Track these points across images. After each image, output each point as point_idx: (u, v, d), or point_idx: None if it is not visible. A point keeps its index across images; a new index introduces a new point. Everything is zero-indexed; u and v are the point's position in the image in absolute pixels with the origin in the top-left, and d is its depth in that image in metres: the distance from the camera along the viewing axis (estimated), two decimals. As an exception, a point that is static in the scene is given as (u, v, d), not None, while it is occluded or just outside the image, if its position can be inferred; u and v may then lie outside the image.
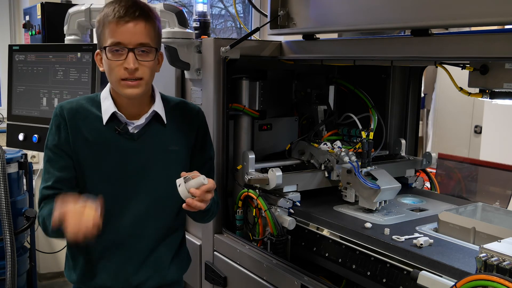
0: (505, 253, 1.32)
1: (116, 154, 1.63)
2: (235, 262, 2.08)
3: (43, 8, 2.93)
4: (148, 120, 1.66)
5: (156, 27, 1.60)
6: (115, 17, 1.52)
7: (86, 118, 1.64)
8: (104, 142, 1.63)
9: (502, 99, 1.65)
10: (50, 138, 1.65)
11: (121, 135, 1.64)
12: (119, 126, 1.63)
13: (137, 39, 1.53)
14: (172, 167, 1.69)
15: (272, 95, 2.35)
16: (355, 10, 1.77)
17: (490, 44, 1.43)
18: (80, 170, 1.64)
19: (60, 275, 3.92)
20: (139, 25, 1.53)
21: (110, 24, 1.53)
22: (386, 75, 2.61)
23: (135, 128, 1.65)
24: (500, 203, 2.91)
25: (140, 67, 1.55)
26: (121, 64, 1.54)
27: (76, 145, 1.63)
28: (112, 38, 1.53)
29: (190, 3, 4.59)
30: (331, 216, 1.98)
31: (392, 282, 1.62)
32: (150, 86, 1.68)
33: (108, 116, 1.63)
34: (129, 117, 1.65)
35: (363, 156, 2.11)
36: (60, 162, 1.63)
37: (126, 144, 1.64)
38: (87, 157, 1.63)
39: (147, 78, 1.59)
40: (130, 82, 1.55)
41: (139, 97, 1.61)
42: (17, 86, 2.76)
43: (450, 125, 4.62)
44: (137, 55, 1.54)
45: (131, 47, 1.53)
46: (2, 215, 2.79)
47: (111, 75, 1.57)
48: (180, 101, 1.80)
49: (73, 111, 1.64)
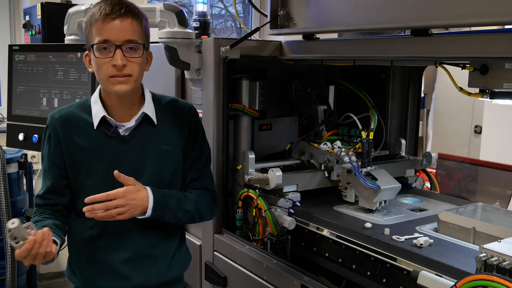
0: (505, 253, 1.32)
1: (108, 157, 1.64)
2: (235, 262, 2.08)
3: (43, 8, 2.93)
4: (138, 121, 1.66)
5: (143, 25, 1.60)
6: (101, 15, 1.53)
7: (77, 125, 1.65)
8: (96, 147, 1.64)
9: (502, 99, 1.65)
10: (43, 148, 1.71)
11: (112, 139, 1.64)
12: (110, 129, 1.64)
13: (124, 35, 1.54)
14: (165, 166, 1.70)
15: (272, 95, 2.34)
16: (355, 10, 1.76)
17: (490, 44, 1.43)
18: (75, 177, 1.66)
19: (60, 275, 3.92)
20: (125, 21, 1.54)
21: (97, 23, 1.54)
22: (386, 75, 2.61)
23: (126, 130, 1.66)
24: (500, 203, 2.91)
25: (128, 64, 1.55)
26: (109, 61, 1.54)
27: (70, 152, 1.65)
28: (99, 36, 1.53)
29: (190, 3, 4.59)
30: (331, 216, 1.98)
31: (392, 282, 1.62)
32: (140, 85, 1.68)
33: (98, 120, 1.64)
34: (120, 119, 1.65)
35: (363, 156, 2.11)
36: (51, 172, 1.68)
37: (118, 147, 1.64)
38: (81, 163, 1.65)
39: (136, 75, 1.59)
40: (119, 78, 1.55)
41: (128, 94, 1.61)
42: (17, 86, 2.76)
43: (450, 125, 4.62)
44: (125, 52, 1.54)
45: (119, 44, 1.53)
46: (2, 215, 2.80)
47: (100, 73, 1.58)
48: (172, 99, 1.79)
49: (64, 119, 1.66)
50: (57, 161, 1.66)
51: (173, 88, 2.38)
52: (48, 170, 1.69)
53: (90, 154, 1.64)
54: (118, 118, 1.65)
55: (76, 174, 1.66)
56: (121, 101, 1.65)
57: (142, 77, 1.64)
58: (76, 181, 1.66)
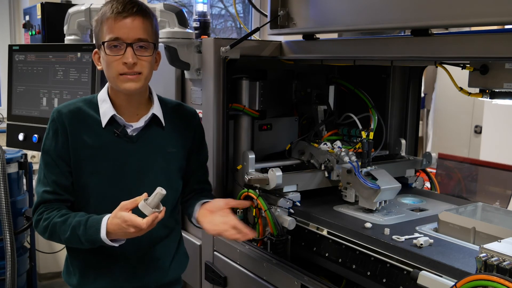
0: (505, 253, 1.32)
1: (115, 156, 1.64)
2: (235, 262, 2.08)
3: (43, 8, 2.94)
4: (147, 122, 1.67)
5: (154, 25, 1.61)
6: (113, 13, 1.54)
7: (84, 121, 1.65)
8: (103, 145, 1.63)
9: (502, 99, 1.65)
10: (47, 143, 1.66)
11: (120, 138, 1.64)
12: (118, 129, 1.64)
13: (135, 34, 1.55)
14: (170, 168, 1.70)
15: (272, 95, 2.34)
16: (355, 10, 1.77)
17: (490, 44, 1.43)
18: (80, 174, 1.65)
19: (60, 275, 3.92)
20: (137, 20, 1.55)
21: (108, 20, 1.54)
22: (386, 75, 2.61)
23: (134, 130, 1.66)
24: (500, 203, 2.91)
25: (138, 62, 1.56)
26: (119, 59, 1.55)
27: (76, 149, 1.63)
28: (110, 34, 1.54)
29: (190, 3, 4.59)
30: (331, 216, 1.98)
31: (392, 282, 1.62)
32: (148, 85, 1.69)
33: (107, 119, 1.63)
34: (128, 118, 1.66)
35: (363, 156, 2.11)
36: (57, 168, 1.64)
37: (125, 146, 1.65)
38: (87, 160, 1.64)
39: (146, 73, 1.59)
40: (130, 76, 1.56)
41: (137, 92, 1.62)
42: (17, 86, 2.76)
43: (450, 125, 4.62)
44: (135, 50, 1.55)
45: (130, 42, 1.54)
46: (2, 215, 2.80)
47: (110, 71, 1.58)
48: (177, 103, 1.82)
49: (72, 114, 1.65)
50: (66, 157, 1.63)
51: (173, 88, 2.38)
52: (55, 165, 1.64)
53: (97, 152, 1.63)
54: (126, 117, 1.65)
55: (80, 172, 1.64)
56: (128, 100, 1.65)
57: (151, 76, 1.65)
58: (79, 179, 1.65)
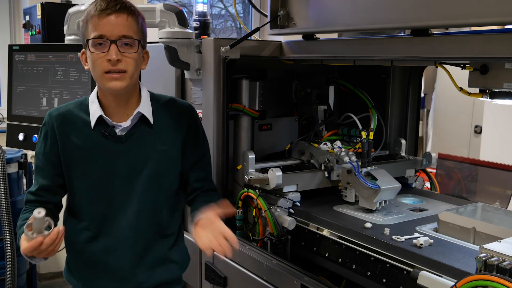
0: (505, 253, 1.32)
1: (105, 157, 1.64)
2: (235, 262, 2.08)
3: (43, 8, 2.93)
4: (134, 121, 1.66)
5: (139, 22, 1.60)
6: (97, 11, 1.53)
7: (74, 124, 1.65)
8: (92, 147, 1.63)
9: (502, 99, 1.65)
10: (38, 146, 1.69)
11: (109, 139, 1.64)
12: (107, 129, 1.63)
13: (119, 31, 1.54)
14: (163, 166, 1.69)
15: (272, 95, 2.34)
16: (355, 10, 1.76)
17: (490, 44, 1.43)
18: (70, 176, 1.65)
19: (60, 275, 3.92)
20: (120, 17, 1.54)
21: (93, 18, 1.54)
22: (386, 75, 2.61)
23: (122, 130, 1.65)
24: (500, 203, 2.91)
25: (123, 59, 1.55)
26: (104, 56, 1.54)
27: (65, 151, 1.64)
28: (94, 32, 1.54)
29: (190, 3, 4.59)
30: (331, 216, 1.98)
31: (392, 282, 1.62)
32: (136, 83, 1.67)
33: (95, 120, 1.63)
34: (117, 118, 1.65)
35: (363, 156, 2.11)
36: (45, 170, 1.67)
37: (114, 147, 1.64)
38: (77, 162, 1.64)
39: (131, 71, 1.57)
40: (114, 74, 1.55)
41: (123, 91, 1.60)
42: (17, 86, 2.76)
43: (450, 125, 4.62)
44: (120, 47, 1.54)
45: (114, 39, 1.53)
46: (2, 215, 2.79)
47: (95, 69, 1.57)
48: (170, 98, 1.78)
49: (61, 117, 1.66)
50: (53, 159, 1.65)
51: (173, 88, 2.38)
52: (42, 168, 1.67)
53: (86, 153, 1.63)
54: (115, 118, 1.64)
55: (71, 174, 1.65)
56: (116, 100, 1.64)
57: (137, 75, 1.63)
58: (71, 181, 1.66)
